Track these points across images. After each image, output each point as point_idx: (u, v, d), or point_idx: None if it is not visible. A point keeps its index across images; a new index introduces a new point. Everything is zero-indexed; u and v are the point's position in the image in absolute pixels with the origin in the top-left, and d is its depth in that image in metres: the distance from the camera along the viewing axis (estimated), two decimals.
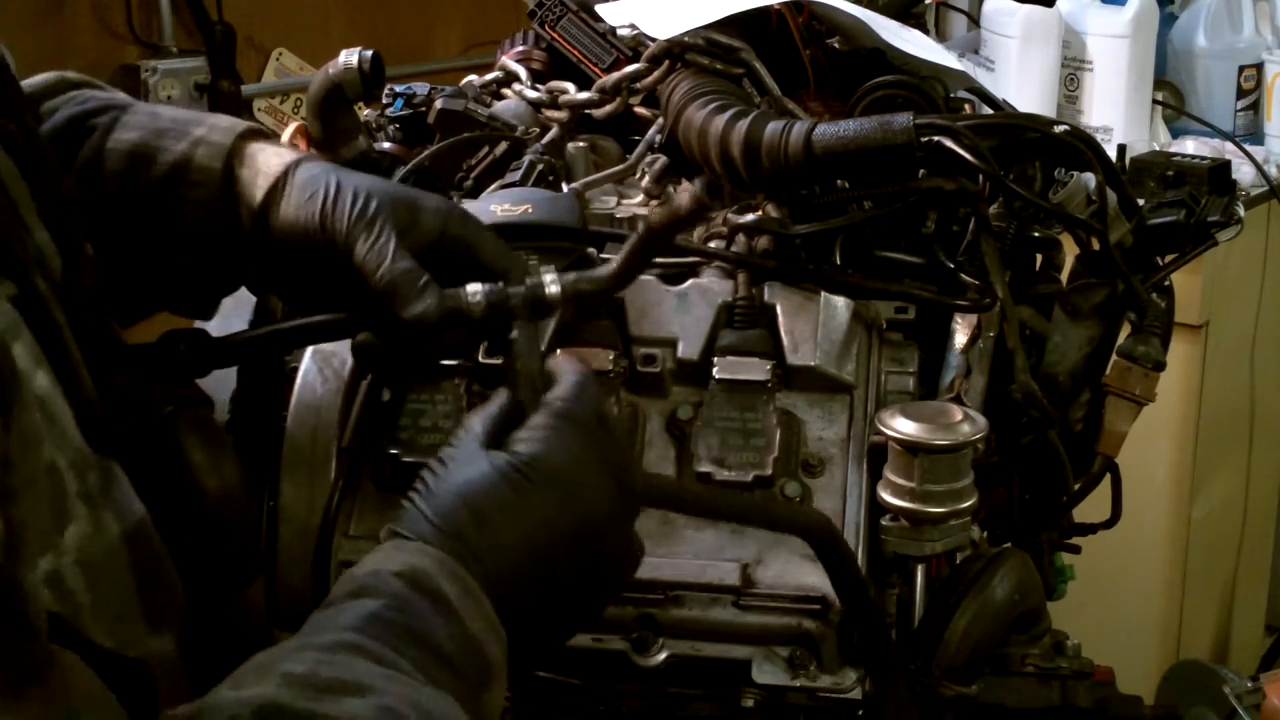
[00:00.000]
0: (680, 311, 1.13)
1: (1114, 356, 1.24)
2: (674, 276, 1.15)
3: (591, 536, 0.83)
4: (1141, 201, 1.28)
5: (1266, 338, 2.71)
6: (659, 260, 1.17)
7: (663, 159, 1.28)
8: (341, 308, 0.97)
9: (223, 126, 0.99)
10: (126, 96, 1.04)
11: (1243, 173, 2.53)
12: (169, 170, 0.97)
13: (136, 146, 0.97)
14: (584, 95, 1.36)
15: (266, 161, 0.97)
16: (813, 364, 1.10)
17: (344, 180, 0.95)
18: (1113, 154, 1.28)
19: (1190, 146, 2.60)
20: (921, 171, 1.14)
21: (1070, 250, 1.28)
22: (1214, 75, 2.80)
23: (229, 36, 2.68)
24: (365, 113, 1.38)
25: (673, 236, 0.95)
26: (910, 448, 1.01)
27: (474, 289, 0.92)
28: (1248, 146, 2.66)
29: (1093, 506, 1.27)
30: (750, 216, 1.16)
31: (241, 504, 0.98)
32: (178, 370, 0.96)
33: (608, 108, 1.36)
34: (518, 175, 1.21)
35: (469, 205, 1.12)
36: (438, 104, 1.31)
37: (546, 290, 0.92)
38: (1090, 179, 1.23)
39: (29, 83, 1.01)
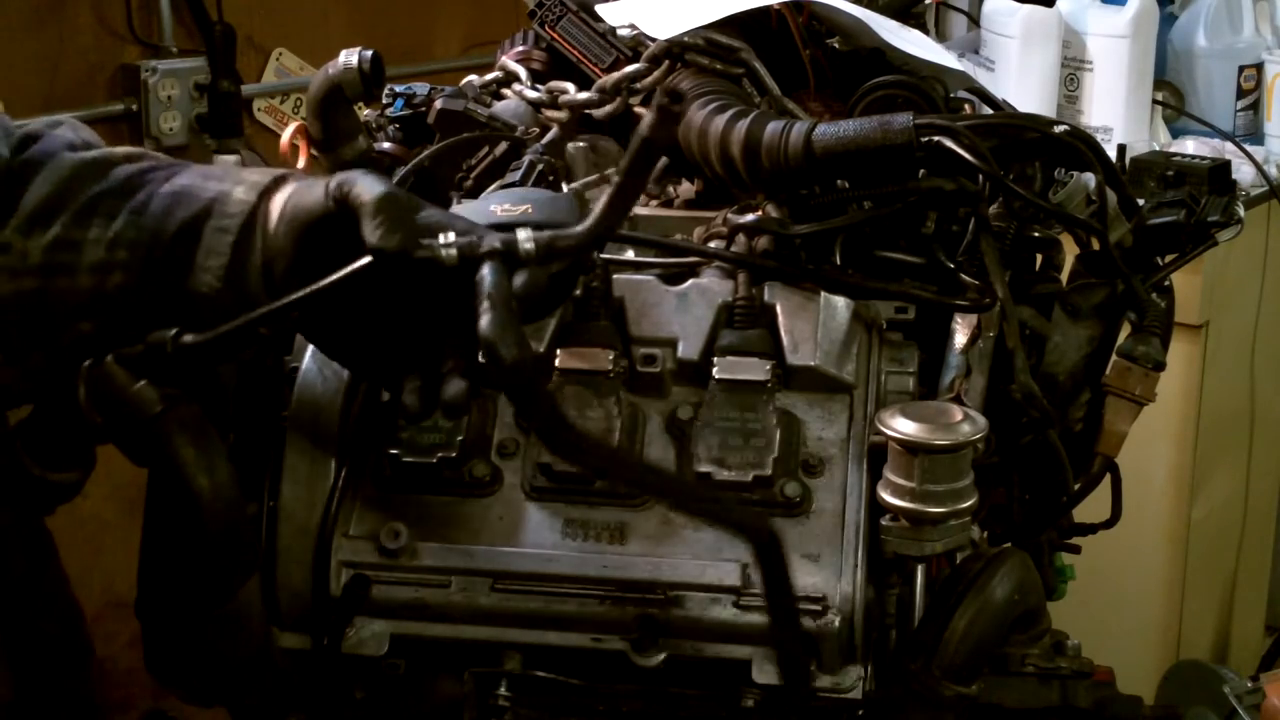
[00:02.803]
0: (680, 311, 1.13)
1: (1114, 356, 1.24)
2: (674, 276, 1.15)
3: None
4: (1141, 201, 1.28)
5: (1266, 338, 2.71)
6: (659, 260, 1.17)
7: (663, 159, 1.28)
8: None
9: (272, 173, 1.01)
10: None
11: (1243, 173, 2.53)
12: (206, 204, 0.99)
13: (184, 188, 0.99)
14: (584, 95, 1.36)
15: (297, 190, 0.99)
16: (813, 364, 1.10)
17: (357, 176, 0.96)
18: (1113, 154, 1.28)
19: (1190, 146, 2.60)
20: (921, 171, 1.14)
21: (1070, 250, 1.28)
22: (1214, 75, 2.80)
23: (229, 36, 2.67)
24: (365, 113, 1.38)
25: (645, 176, 0.93)
26: (910, 448, 1.01)
27: (448, 237, 0.91)
28: (1248, 146, 2.66)
29: (1093, 506, 1.27)
30: (750, 216, 1.16)
31: (235, 501, 0.98)
32: (167, 371, 0.96)
33: (608, 108, 1.36)
34: (518, 175, 1.21)
35: (469, 205, 1.12)
36: (438, 104, 1.31)
37: (520, 246, 0.91)
38: (1090, 179, 1.23)
39: (110, 149, 1.05)
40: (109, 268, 0.98)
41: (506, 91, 1.40)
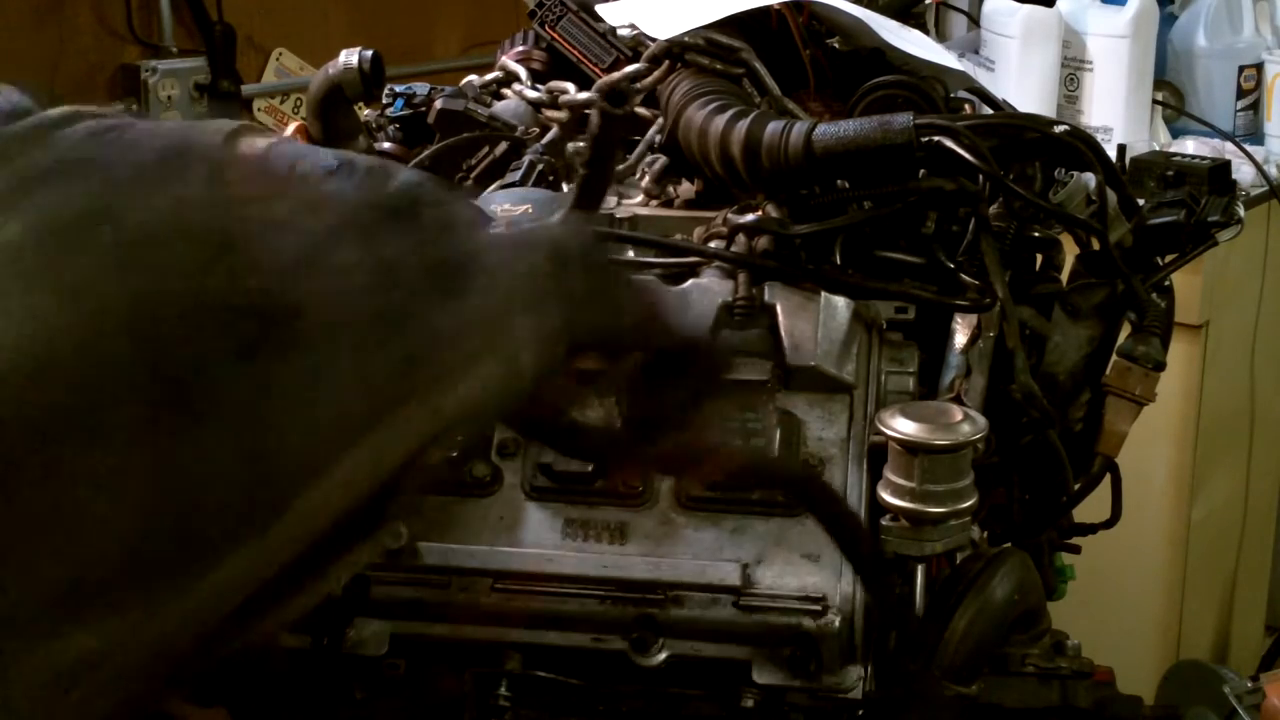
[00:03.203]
0: (680, 311, 1.13)
1: (1114, 356, 1.24)
2: (674, 276, 1.15)
3: None
4: (1141, 201, 1.28)
5: (1266, 338, 2.71)
6: (659, 260, 1.17)
7: (663, 159, 1.28)
8: None
9: (211, 129, 0.98)
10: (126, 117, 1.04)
11: (1243, 173, 2.52)
12: None
13: None
14: (584, 95, 1.36)
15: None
16: (813, 364, 1.10)
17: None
18: (1113, 154, 1.28)
19: (1190, 146, 2.60)
20: (921, 171, 1.14)
21: (1070, 250, 1.28)
22: (1214, 75, 2.80)
23: (229, 36, 2.68)
24: (365, 113, 1.38)
25: (604, 175, 0.94)
26: (910, 448, 1.01)
27: None
28: (1248, 146, 2.66)
29: (1093, 506, 1.27)
30: (750, 216, 1.16)
31: None
32: None
33: None
34: (518, 175, 1.21)
35: None
36: (438, 104, 1.32)
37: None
38: (1090, 179, 1.23)
39: (45, 113, 1.01)
40: None
41: (506, 91, 1.40)
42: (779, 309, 1.12)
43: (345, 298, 0.62)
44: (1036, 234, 1.22)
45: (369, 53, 1.26)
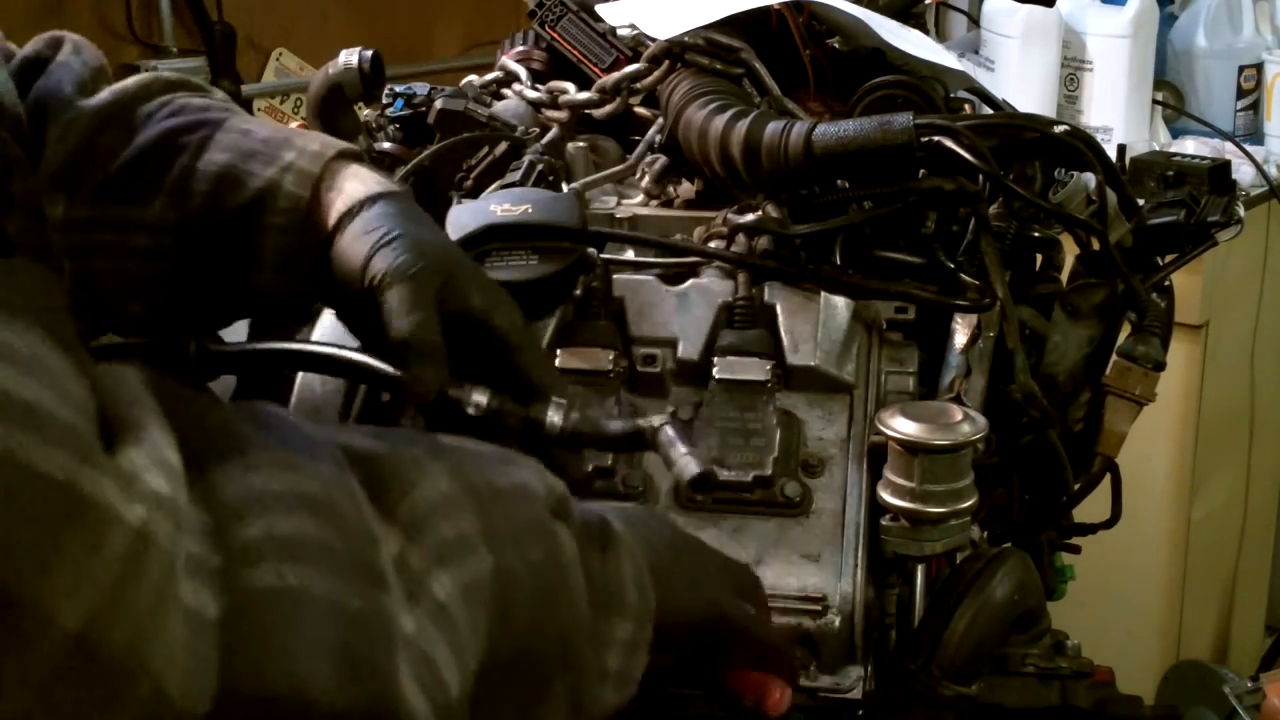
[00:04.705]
0: (680, 311, 1.13)
1: (1114, 356, 1.24)
2: (674, 276, 1.15)
3: None
4: (1141, 201, 1.28)
5: (1266, 338, 2.71)
6: (659, 260, 1.17)
7: (663, 159, 1.28)
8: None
9: (312, 151, 0.97)
10: (223, 102, 1.02)
11: (1243, 173, 2.53)
12: (255, 196, 0.95)
13: (224, 170, 0.95)
14: (584, 95, 1.36)
15: (352, 188, 0.95)
16: (813, 364, 1.10)
17: (404, 230, 0.92)
18: (1113, 154, 1.28)
19: (1190, 146, 2.60)
20: (921, 171, 1.14)
21: (1070, 250, 1.28)
22: (1214, 75, 2.80)
23: (229, 36, 2.68)
24: (365, 113, 1.38)
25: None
26: (910, 448, 1.01)
27: (479, 398, 0.89)
28: (1248, 146, 2.66)
29: (1093, 506, 1.27)
30: (750, 216, 1.16)
31: None
32: (184, 371, 0.96)
33: (608, 108, 1.36)
34: (518, 175, 1.21)
35: (469, 205, 1.12)
36: (438, 104, 1.31)
37: (547, 420, 0.90)
38: (1090, 179, 1.23)
39: (122, 85, 1.00)
40: (155, 254, 0.95)
41: (506, 91, 1.40)
42: (779, 309, 1.12)
43: None
44: (1036, 234, 1.22)
45: (369, 53, 1.26)
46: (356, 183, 0.96)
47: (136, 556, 0.48)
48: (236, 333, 1.07)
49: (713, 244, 1.18)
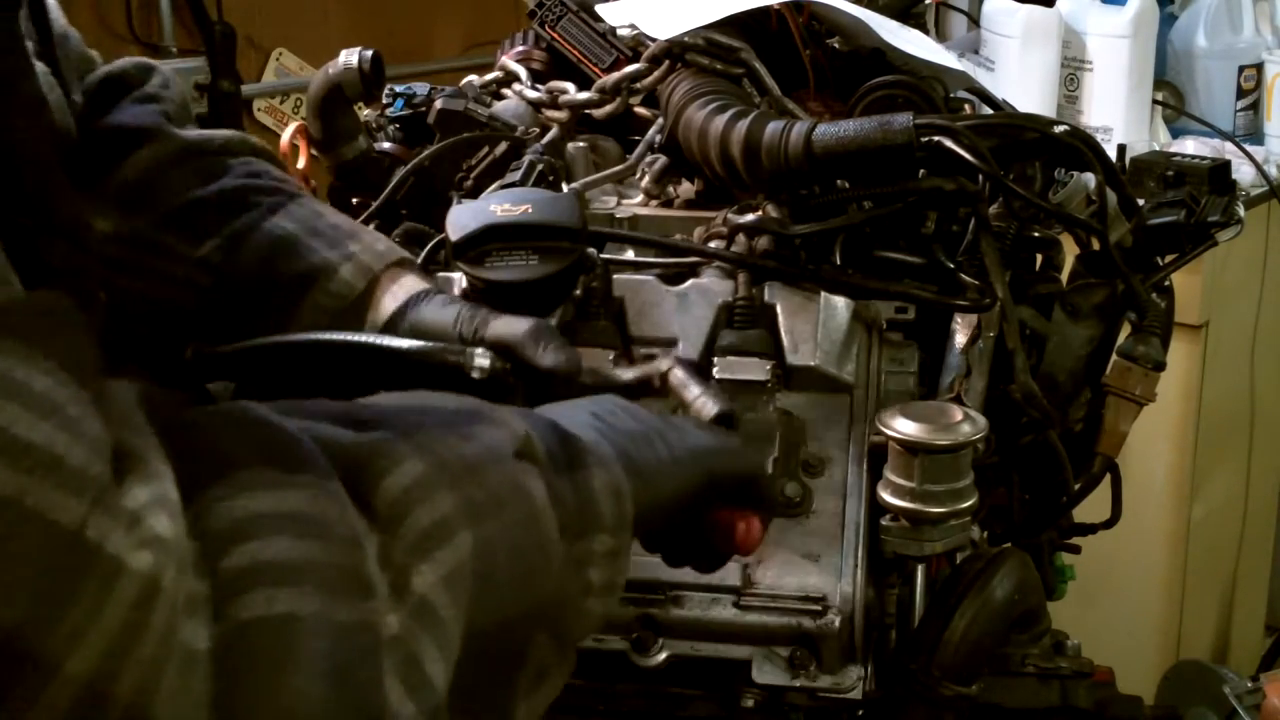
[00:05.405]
0: (680, 311, 1.13)
1: (1114, 356, 1.24)
2: (674, 276, 1.15)
3: None
4: (1141, 201, 1.28)
5: (1266, 338, 2.71)
6: (659, 260, 1.17)
7: (663, 159, 1.28)
8: None
9: (378, 251, 1.01)
10: (298, 185, 1.06)
11: (1243, 173, 2.52)
12: (308, 271, 0.98)
13: (287, 237, 0.99)
14: (584, 95, 1.36)
15: (411, 283, 1.00)
16: (813, 364, 1.10)
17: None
18: (1113, 154, 1.28)
19: (1190, 146, 2.60)
20: (921, 171, 1.14)
21: (1070, 250, 1.28)
22: (1214, 75, 2.80)
23: (229, 36, 2.68)
24: (365, 113, 1.38)
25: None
26: (910, 448, 1.01)
27: (482, 361, 0.91)
28: (1248, 146, 2.66)
29: (1093, 506, 1.27)
30: (750, 216, 1.16)
31: None
32: (182, 376, 0.96)
33: (608, 108, 1.36)
34: (518, 175, 1.21)
35: (469, 205, 1.12)
36: (438, 104, 1.32)
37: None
38: (1090, 179, 1.23)
39: (211, 133, 1.03)
40: (186, 286, 0.97)
41: (506, 91, 1.40)
42: (779, 309, 1.12)
43: None
44: (1036, 234, 1.22)
45: (369, 53, 1.26)
46: (411, 280, 1.00)
47: (143, 604, 0.49)
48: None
49: (713, 244, 1.18)
